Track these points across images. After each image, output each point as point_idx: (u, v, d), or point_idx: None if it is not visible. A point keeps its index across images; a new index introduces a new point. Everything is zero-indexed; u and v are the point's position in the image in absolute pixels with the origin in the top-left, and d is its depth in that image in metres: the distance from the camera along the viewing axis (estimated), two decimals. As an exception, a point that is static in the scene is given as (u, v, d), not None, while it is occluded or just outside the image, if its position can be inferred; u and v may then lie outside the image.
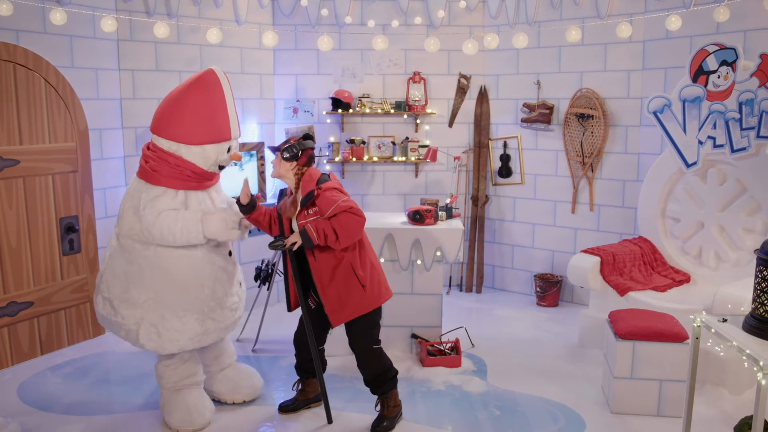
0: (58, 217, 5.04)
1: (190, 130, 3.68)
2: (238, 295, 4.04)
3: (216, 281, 3.84)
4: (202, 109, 3.70)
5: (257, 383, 4.27)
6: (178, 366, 3.89)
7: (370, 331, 3.82)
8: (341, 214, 3.55)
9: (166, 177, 3.71)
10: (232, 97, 3.87)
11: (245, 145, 6.15)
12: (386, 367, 3.86)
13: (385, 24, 6.29)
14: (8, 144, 4.67)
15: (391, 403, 3.89)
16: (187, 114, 3.68)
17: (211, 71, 3.77)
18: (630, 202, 5.92)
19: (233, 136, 3.86)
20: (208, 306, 3.79)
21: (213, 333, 3.85)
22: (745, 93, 4.72)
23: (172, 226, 3.63)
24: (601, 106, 5.92)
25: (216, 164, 3.84)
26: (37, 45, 4.82)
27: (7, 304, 4.73)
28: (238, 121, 3.93)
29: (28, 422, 3.92)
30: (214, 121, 3.74)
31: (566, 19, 5.95)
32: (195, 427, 3.83)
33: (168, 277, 3.70)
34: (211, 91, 3.73)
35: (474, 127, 6.70)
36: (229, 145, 3.85)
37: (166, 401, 3.90)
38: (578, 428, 3.91)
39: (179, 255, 3.73)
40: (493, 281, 6.92)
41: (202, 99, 3.70)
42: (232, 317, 3.96)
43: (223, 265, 3.91)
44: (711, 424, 3.89)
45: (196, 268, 3.76)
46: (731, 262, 5.03)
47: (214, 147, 3.76)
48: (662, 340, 3.98)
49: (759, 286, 2.89)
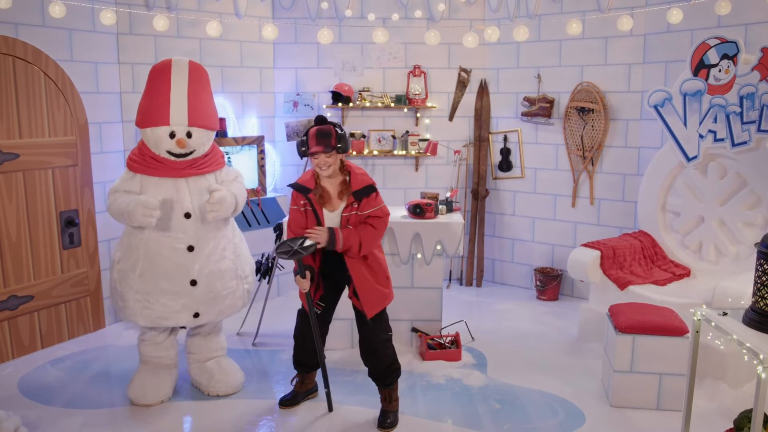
0: (58, 210, 5.04)
1: (139, 114, 3.98)
2: (188, 292, 3.93)
3: (164, 273, 3.91)
4: (148, 94, 3.97)
5: (234, 380, 4.29)
6: (149, 344, 4.17)
7: (387, 321, 3.87)
8: (375, 219, 3.66)
9: (131, 161, 4.02)
10: (186, 84, 3.92)
11: (245, 139, 6.15)
12: (395, 356, 3.89)
13: (385, 17, 6.27)
14: (8, 138, 4.66)
15: (394, 395, 3.90)
16: (141, 99, 4.02)
17: (168, 60, 4.00)
18: (630, 196, 5.92)
19: (173, 121, 3.89)
20: (147, 291, 3.92)
21: (151, 319, 3.95)
22: (746, 87, 4.71)
23: (111, 205, 3.93)
24: (601, 100, 5.91)
25: (162, 149, 3.93)
26: (36, 38, 4.81)
27: (7, 297, 4.73)
28: (195, 110, 3.92)
29: (29, 415, 3.92)
30: (152, 105, 3.92)
31: (567, 13, 5.93)
32: (145, 402, 4.07)
33: (127, 251, 4.00)
34: (159, 78, 3.92)
35: (474, 121, 6.69)
36: (170, 131, 3.90)
37: (135, 373, 4.20)
38: (578, 422, 3.92)
39: (140, 237, 3.95)
40: (493, 275, 6.92)
41: (150, 85, 3.96)
42: (179, 317, 3.96)
43: (178, 262, 3.92)
44: (710, 417, 3.89)
45: (149, 254, 3.94)
46: (731, 256, 5.03)
47: (151, 130, 3.92)
48: (662, 333, 3.98)
49: (759, 280, 2.89)
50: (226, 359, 4.38)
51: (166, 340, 4.19)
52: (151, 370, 4.16)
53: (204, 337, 4.30)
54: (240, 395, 4.26)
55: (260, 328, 5.27)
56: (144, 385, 4.09)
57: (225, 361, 4.35)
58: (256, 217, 6.08)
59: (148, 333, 4.16)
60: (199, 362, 4.30)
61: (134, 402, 4.09)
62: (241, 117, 6.35)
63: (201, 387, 4.29)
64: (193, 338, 4.31)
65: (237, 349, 5.01)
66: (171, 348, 4.23)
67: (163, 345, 4.18)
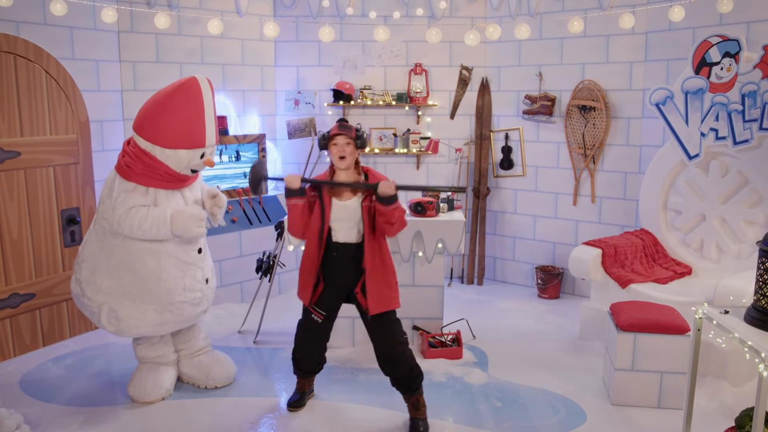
0: (60, 208, 5.04)
1: (167, 134, 3.83)
2: (202, 291, 4.13)
3: (178, 277, 3.98)
4: (180, 115, 3.83)
5: (230, 371, 4.39)
6: (145, 346, 4.20)
7: (398, 321, 3.79)
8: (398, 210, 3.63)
9: (139, 174, 3.88)
10: (212, 106, 3.98)
11: (247, 137, 6.15)
12: (414, 360, 3.78)
13: (387, 15, 6.27)
14: (9, 136, 4.66)
15: (422, 401, 3.80)
16: (165, 118, 3.82)
17: (194, 79, 3.90)
18: (631, 194, 5.92)
19: (208, 143, 3.97)
20: (166, 299, 3.95)
21: (170, 324, 4.06)
22: (748, 85, 4.70)
23: (142, 222, 3.81)
24: (603, 98, 5.91)
25: (188, 168, 3.96)
26: (37, 36, 4.81)
27: (9, 295, 4.73)
28: (216, 129, 4.06)
29: (31, 413, 3.93)
30: (191, 129, 3.87)
31: (568, 11, 5.92)
32: (146, 399, 4.08)
33: (131, 267, 3.91)
34: (191, 99, 3.86)
35: (475, 119, 6.69)
36: (203, 152, 3.96)
37: (134, 371, 4.23)
38: (579, 420, 3.92)
39: (144, 248, 3.91)
40: (495, 273, 6.92)
41: (182, 106, 3.83)
42: (193, 311, 4.13)
43: (189, 261, 4.05)
44: (712, 416, 3.89)
45: (160, 262, 3.93)
46: (733, 254, 5.02)
47: (187, 152, 3.89)
48: (663, 332, 3.98)
49: (761, 278, 2.89)
50: (216, 351, 4.47)
51: (161, 341, 4.23)
52: (151, 368, 4.19)
53: (189, 330, 4.38)
54: (241, 393, 4.27)
55: (261, 326, 5.27)
56: (144, 382, 4.11)
57: (216, 353, 4.44)
58: (257, 215, 6.08)
59: (143, 337, 4.19)
60: (190, 357, 4.35)
61: (135, 399, 4.10)
62: (243, 115, 6.35)
63: (196, 381, 4.32)
64: (179, 335, 4.36)
65: (238, 347, 5.02)
66: (167, 346, 4.27)
67: (158, 345, 4.22)
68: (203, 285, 4.14)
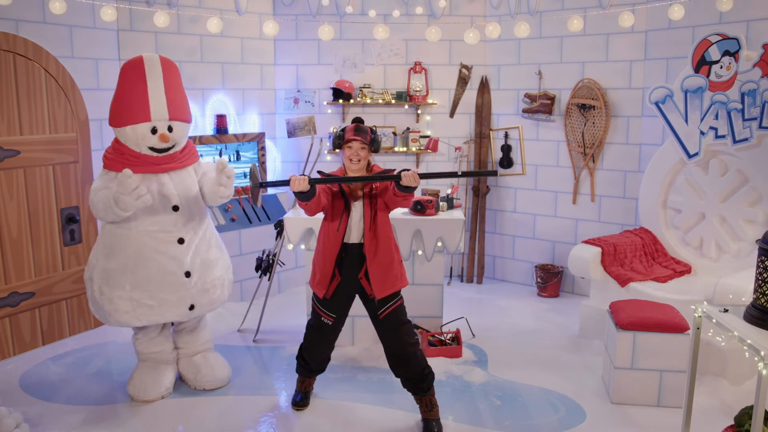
0: (59, 207, 5.04)
1: (115, 114, 3.94)
2: (183, 283, 3.96)
3: (158, 268, 3.90)
4: (121, 92, 3.93)
5: (220, 375, 4.31)
6: (144, 341, 4.19)
7: (408, 322, 3.77)
8: None
9: (111, 160, 3.96)
10: (163, 81, 3.94)
11: (246, 136, 6.14)
12: (425, 360, 3.76)
13: (386, 14, 6.26)
14: (8, 134, 4.66)
15: (434, 401, 3.77)
16: (115, 99, 3.96)
17: (138, 57, 3.95)
18: (631, 192, 5.92)
19: (154, 117, 3.91)
20: (142, 289, 3.88)
21: (147, 317, 3.93)
22: (748, 83, 4.70)
23: (97, 202, 3.83)
24: (602, 97, 5.91)
25: (143, 146, 3.93)
26: (36, 35, 4.80)
27: (8, 294, 4.73)
28: (172, 104, 3.96)
29: (30, 412, 3.93)
30: (133, 104, 3.90)
31: (568, 9, 5.92)
32: (146, 397, 4.08)
33: (111, 252, 3.92)
34: (131, 75, 3.90)
35: (475, 118, 6.69)
36: (152, 126, 3.91)
37: (134, 370, 4.21)
38: (578, 418, 3.92)
39: (126, 235, 3.91)
40: (494, 272, 6.92)
41: (122, 83, 3.92)
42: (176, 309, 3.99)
43: (166, 252, 3.94)
44: (711, 414, 3.90)
45: (139, 250, 3.90)
46: (732, 253, 5.03)
47: (131, 128, 3.90)
48: (663, 330, 3.98)
49: (760, 277, 2.89)
50: (213, 353, 4.42)
51: (159, 335, 4.21)
52: (150, 366, 4.18)
53: (190, 331, 4.36)
54: (241, 391, 4.27)
55: (261, 324, 5.27)
56: (144, 380, 4.10)
57: (211, 356, 4.38)
58: (257, 213, 6.08)
59: (141, 331, 4.18)
60: (188, 356, 4.34)
61: (135, 398, 4.10)
62: (242, 114, 6.35)
63: (188, 382, 4.31)
64: (180, 333, 4.35)
65: (238, 346, 5.02)
66: (166, 342, 4.25)
67: (158, 340, 4.20)
68: (182, 278, 3.96)
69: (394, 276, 3.71)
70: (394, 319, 3.72)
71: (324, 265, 3.73)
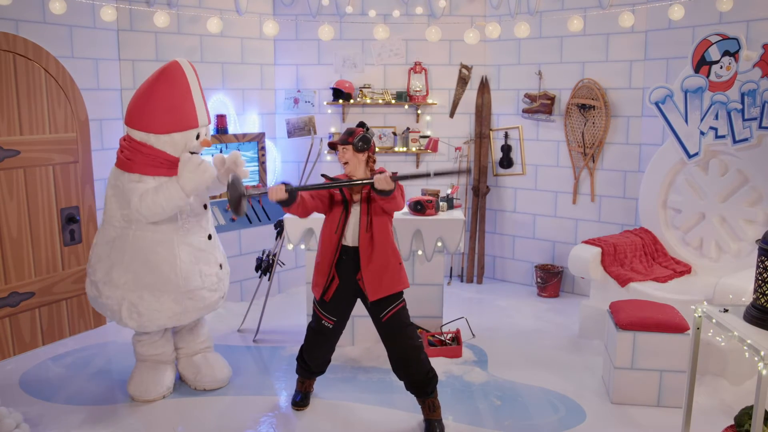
0: (59, 207, 5.04)
1: (158, 121, 3.85)
2: (218, 275, 4.15)
3: (192, 263, 3.99)
4: (167, 99, 3.86)
5: (220, 375, 4.32)
6: (146, 343, 4.19)
7: (411, 325, 3.76)
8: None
9: (141, 165, 3.88)
10: (198, 86, 4.00)
11: (246, 136, 6.14)
12: (429, 362, 3.76)
13: (386, 14, 6.26)
14: (8, 134, 4.66)
15: (437, 403, 3.77)
16: (153, 105, 3.85)
17: (176, 63, 3.92)
18: (631, 192, 5.92)
19: (200, 123, 3.98)
20: (184, 286, 3.95)
21: (192, 312, 4.06)
22: (748, 83, 4.70)
23: (156, 198, 3.77)
24: (602, 97, 5.91)
25: (186, 151, 3.96)
26: (36, 35, 4.81)
27: (8, 294, 4.73)
28: (206, 109, 4.07)
29: (30, 412, 3.93)
30: (181, 111, 3.89)
31: (568, 9, 5.92)
32: (146, 397, 4.09)
33: (145, 260, 3.90)
34: (177, 82, 3.88)
35: (475, 118, 6.69)
36: (197, 132, 3.97)
37: (134, 370, 4.22)
38: (578, 418, 3.92)
39: (155, 239, 3.91)
40: (494, 272, 6.92)
41: (167, 90, 3.86)
42: (211, 297, 4.13)
43: (201, 248, 4.06)
44: (711, 414, 3.90)
45: (173, 250, 3.93)
46: (732, 253, 5.03)
47: (181, 135, 3.90)
48: (663, 330, 3.98)
49: (760, 277, 2.89)
50: (213, 353, 4.43)
51: (162, 338, 4.22)
52: (150, 366, 4.19)
53: (190, 330, 4.37)
54: (241, 391, 4.27)
55: (261, 324, 5.27)
56: (144, 380, 4.11)
57: (211, 356, 4.39)
58: (257, 213, 6.08)
59: (145, 333, 4.17)
60: (188, 356, 4.35)
61: (135, 398, 4.10)
62: (242, 114, 6.35)
63: (188, 382, 4.32)
64: (180, 333, 4.36)
65: (238, 346, 5.02)
66: (167, 344, 4.26)
67: (159, 343, 4.21)
68: (218, 270, 4.15)
69: (390, 279, 3.69)
70: (397, 323, 3.72)
71: (323, 267, 3.75)
